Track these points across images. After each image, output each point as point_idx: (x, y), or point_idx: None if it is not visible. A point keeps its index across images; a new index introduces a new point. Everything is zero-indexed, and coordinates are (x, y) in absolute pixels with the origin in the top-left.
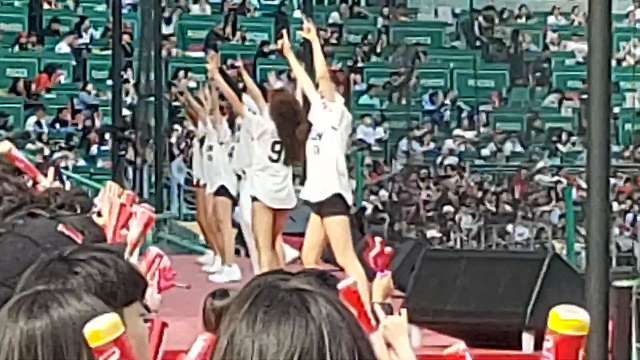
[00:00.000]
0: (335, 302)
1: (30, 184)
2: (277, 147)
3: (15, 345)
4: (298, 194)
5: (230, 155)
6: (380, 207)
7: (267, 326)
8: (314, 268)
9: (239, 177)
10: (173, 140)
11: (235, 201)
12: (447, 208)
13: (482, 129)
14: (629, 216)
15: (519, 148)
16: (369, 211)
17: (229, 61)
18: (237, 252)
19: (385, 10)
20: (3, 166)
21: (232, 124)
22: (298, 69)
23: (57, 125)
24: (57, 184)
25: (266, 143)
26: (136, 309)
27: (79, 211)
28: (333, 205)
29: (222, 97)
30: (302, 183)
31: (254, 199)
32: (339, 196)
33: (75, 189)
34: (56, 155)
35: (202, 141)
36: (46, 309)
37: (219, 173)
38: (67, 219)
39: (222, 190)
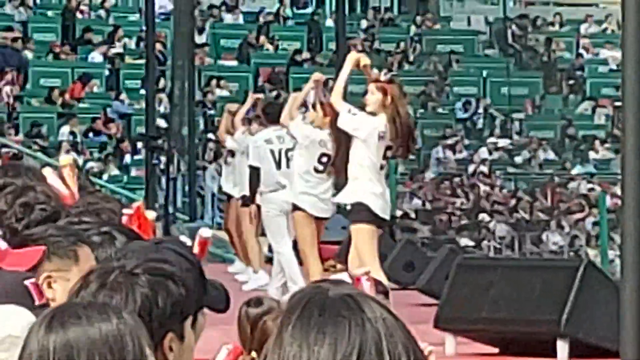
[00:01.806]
0: (385, 306)
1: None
2: (324, 159)
3: (33, 357)
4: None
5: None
6: (413, 215)
7: (323, 329)
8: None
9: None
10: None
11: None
12: (481, 216)
13: (515, 137)
14: None
15: (552, 156)
16: (402, 219)
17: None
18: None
19: (418, 19)
20: (30, 174)
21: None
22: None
23: (91, 135)
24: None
25: (313, 153)
26: (188, 323)
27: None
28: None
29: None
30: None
31: (296, 208)
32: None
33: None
34: (90, 164)
35: (231, 151)
36: (62, 324)
37: (242, 182)
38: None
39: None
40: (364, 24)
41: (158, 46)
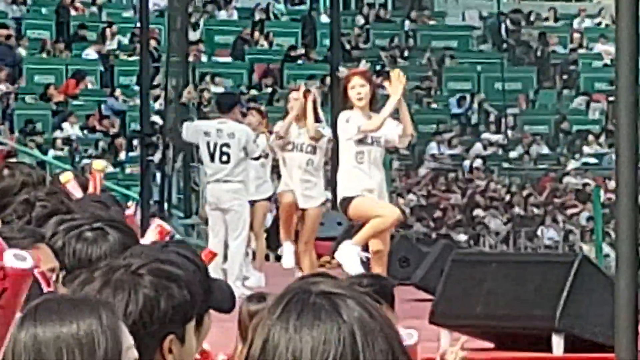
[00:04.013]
0: (367, 304)
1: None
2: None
3: (7, 352)
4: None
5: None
6: (408, 211)
7: (300, 331)
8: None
9: None
10: None
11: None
12: (476, 211)
13: (509, 132)
14: None
15: (546, 151)
16: None
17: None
18: (266, 257)
19: (413, 14)
20: (28, 171)
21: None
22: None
23: (85, 132)
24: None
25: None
26: (190, 326)
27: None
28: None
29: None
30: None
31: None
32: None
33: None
34: (84, 161)
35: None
36: (34, 320)
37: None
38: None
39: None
40: (358, 20)
41: (152, 43)
